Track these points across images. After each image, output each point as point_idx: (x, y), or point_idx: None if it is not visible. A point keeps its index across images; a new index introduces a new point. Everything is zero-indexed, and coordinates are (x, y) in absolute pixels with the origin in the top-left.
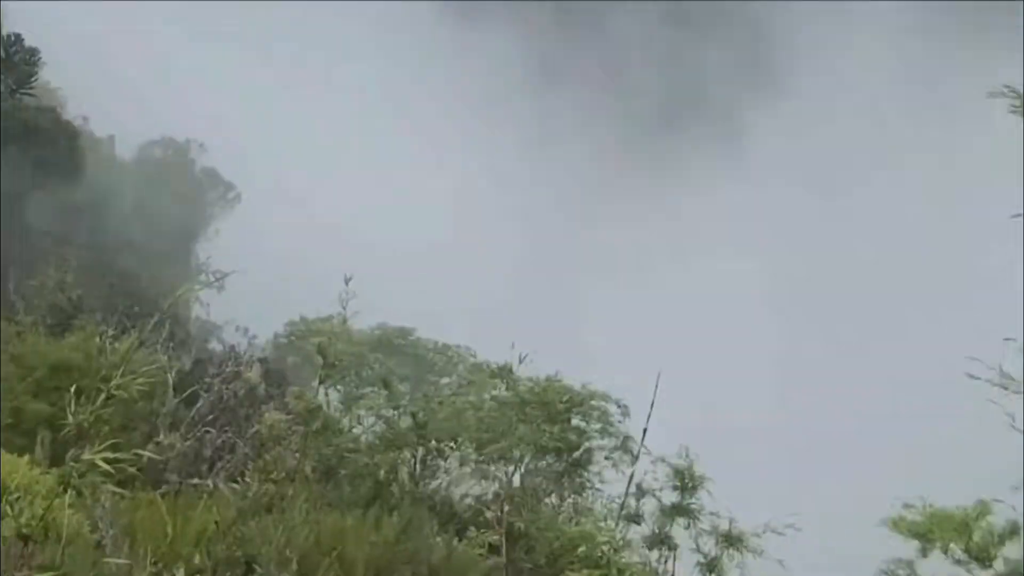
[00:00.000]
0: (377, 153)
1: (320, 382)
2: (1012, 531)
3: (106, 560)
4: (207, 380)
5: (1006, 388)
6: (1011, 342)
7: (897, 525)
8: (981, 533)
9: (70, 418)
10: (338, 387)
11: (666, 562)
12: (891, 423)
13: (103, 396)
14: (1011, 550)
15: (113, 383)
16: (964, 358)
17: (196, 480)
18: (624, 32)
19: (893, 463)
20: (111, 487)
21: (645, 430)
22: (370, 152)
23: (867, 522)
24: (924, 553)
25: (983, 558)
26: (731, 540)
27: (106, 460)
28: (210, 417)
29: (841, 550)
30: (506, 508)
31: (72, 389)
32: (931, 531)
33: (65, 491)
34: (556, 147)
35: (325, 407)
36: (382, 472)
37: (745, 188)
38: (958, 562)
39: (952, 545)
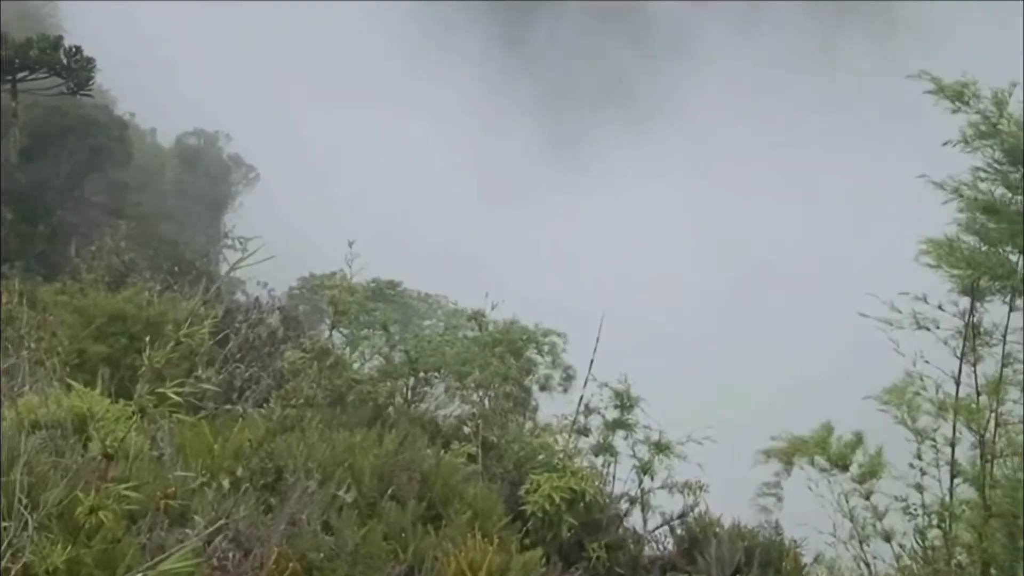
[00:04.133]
0: (365, 137)
1: (332, 327)
2: (858, 441)
3: (168, 475)
4: (236, 325)
5: (891, 324)
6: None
7: (767, 453)
8: (836, 445)
9: (145, 360)
10: (343, 330)
11: (609, 466)
12: (795, 350)
13: (173, 342)
14: (859, 455)
15: (182, 332)
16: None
17: (228, 406)
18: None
19: (797, 383)
20: (177, 414)
21: (592, 360)
22: (361, 137)
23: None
24: (788, 472)
25: (842, 464)
26: (660, 447)
27: (174, 392)
28: (239, 355)
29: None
30: (481, 425)
31: (128, 335)
32: (793, 454)
33: (138, 418)
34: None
35: (332, 347)
36: (381, 398)
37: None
38: (822, 471)
39: (816, 458)
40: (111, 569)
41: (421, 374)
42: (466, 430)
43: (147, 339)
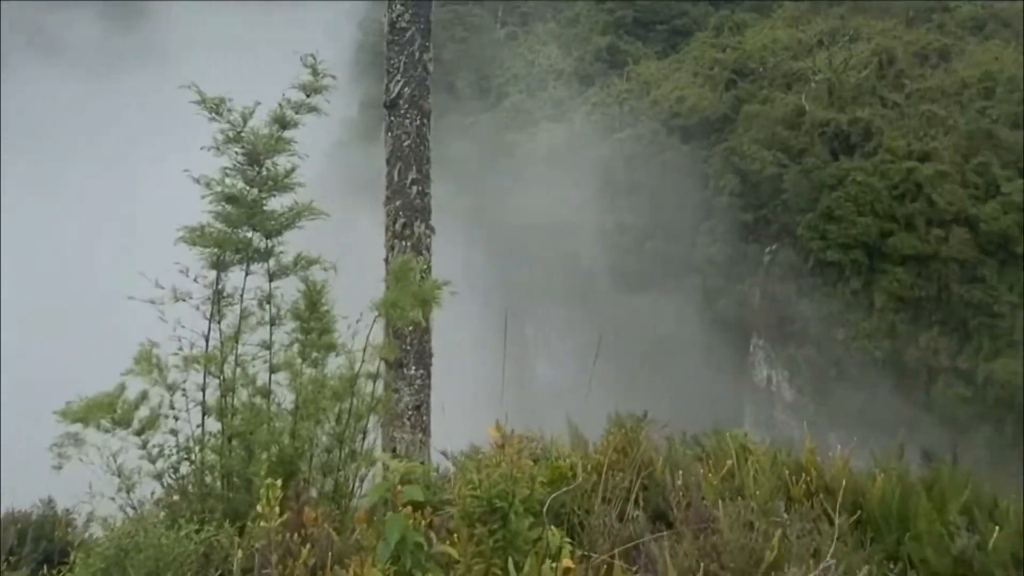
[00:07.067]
0: None
1: None
2: (142, 398)
3: None
4: None
5: (153, 302)
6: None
7: (65, 415)
8: (124, 406)
9: None
10: None
11: None
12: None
13: None
14: (143, 412)
15: None
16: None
17: None
18: None
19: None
20: None
21: None
22: None
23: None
24: (84, 428)
25: (126, 422)
26: None
27: None
28: None
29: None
30: None
31: None
32: (87, 415)
33: None
34: None
35: None
36: None
37: None
38: (107, 431)
39: (103, 421)
40: None
41: None
42: None
43: None
